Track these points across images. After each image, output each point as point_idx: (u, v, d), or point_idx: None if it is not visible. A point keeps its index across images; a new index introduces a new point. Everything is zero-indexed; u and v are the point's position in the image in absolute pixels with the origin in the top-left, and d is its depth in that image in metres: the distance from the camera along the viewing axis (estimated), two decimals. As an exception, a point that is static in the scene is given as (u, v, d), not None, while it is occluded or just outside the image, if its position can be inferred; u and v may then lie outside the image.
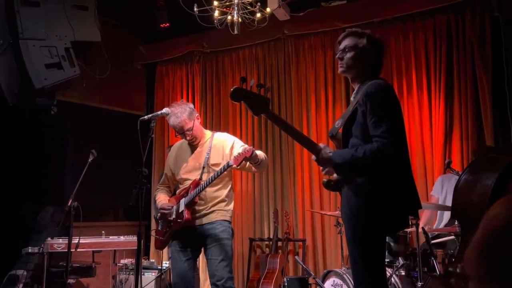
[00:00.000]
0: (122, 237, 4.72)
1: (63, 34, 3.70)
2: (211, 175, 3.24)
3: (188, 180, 3.37)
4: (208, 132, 3.52)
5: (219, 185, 3.33)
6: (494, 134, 4.47)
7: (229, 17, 4.29)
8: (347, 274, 3.69)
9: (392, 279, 3.56)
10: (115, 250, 4.79)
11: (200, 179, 3.30)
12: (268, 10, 4.53)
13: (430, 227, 4.08)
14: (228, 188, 3.39)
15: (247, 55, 6.01)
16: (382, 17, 5.08)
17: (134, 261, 4.60)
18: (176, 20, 5.73)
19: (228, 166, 3.17)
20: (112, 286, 5.10)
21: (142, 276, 4.76)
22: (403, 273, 3.67)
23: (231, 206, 3.40)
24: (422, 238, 3.54)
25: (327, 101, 5.38)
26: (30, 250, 4.29)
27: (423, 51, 4.91)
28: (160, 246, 3.55)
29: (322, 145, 2.32)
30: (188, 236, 3.31)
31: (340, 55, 2.38)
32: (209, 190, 3.29)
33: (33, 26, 3.60)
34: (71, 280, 4.44)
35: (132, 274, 4.80)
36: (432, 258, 3.47)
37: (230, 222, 3.37)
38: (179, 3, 4.30)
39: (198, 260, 3.69)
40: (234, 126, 5.91)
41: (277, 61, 5.81)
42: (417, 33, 4.98)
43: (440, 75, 4.78)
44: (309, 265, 5.14)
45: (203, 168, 3.33)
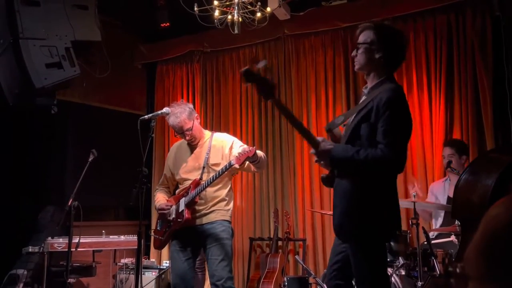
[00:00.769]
0: (122, 236, 4.72)
1: (63, 33, 3.69)
2: (211, 175, 3.24)
3: (188, 180, 3.37)
4: (207, 132, 3.52)
5: (219, 184, 3.34)
6: (494, 134, 4.46)
7: (229, 16, 4.29)
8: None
9: (392, 279, 3.56)
10: (115, 250, 4.80)
11: (200, 179, 3.31)
12: (268, 9, 4.53)
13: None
14: (228, 188, 3.40)
15: (247, 55, 5.99)
16: (382, 16, 5.05)
17: (135, 260, 4.59)
18: (176, 20, 5.73)
19: (230, 166, 3.17)
20: (112, 286, 5.11)
21: (142, 275, 4.76)
22: (403, 272, 3.67)
23: (230, 206, 3.40)
24: (422, 238, 3.54)
25: (327, 101, 5.37)
26: (30, 250, 4.30)
27: (423, 51, 4.90)
28: (159, 245, 3.55)
29: (321, 138, 2.30)
30: (188, 236, 3.31)
31: (354, 53, 2.34)
32: (209, 190, 3.30)
33: (33, 25, 3.59)
34: (71, 280, 4.44)
35: (132, 274, 4.80)
36: (432, 258, 3.47)
37: (230, 222, 3.38)
38: (180, 3, 4.30)
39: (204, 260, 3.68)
40: (234, 126, 5.90)
41: (277, 60, 5.80)
42: (417, 32, 4.97)
43: (441, 75, 4.77)
44: (309, 264, 5.14)
45: (203, 168, 3.33)
